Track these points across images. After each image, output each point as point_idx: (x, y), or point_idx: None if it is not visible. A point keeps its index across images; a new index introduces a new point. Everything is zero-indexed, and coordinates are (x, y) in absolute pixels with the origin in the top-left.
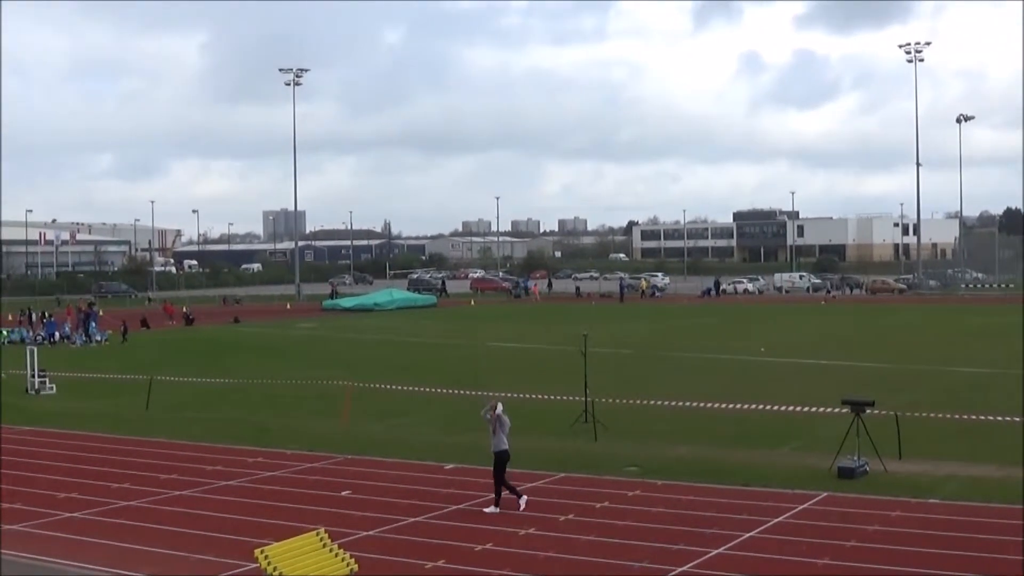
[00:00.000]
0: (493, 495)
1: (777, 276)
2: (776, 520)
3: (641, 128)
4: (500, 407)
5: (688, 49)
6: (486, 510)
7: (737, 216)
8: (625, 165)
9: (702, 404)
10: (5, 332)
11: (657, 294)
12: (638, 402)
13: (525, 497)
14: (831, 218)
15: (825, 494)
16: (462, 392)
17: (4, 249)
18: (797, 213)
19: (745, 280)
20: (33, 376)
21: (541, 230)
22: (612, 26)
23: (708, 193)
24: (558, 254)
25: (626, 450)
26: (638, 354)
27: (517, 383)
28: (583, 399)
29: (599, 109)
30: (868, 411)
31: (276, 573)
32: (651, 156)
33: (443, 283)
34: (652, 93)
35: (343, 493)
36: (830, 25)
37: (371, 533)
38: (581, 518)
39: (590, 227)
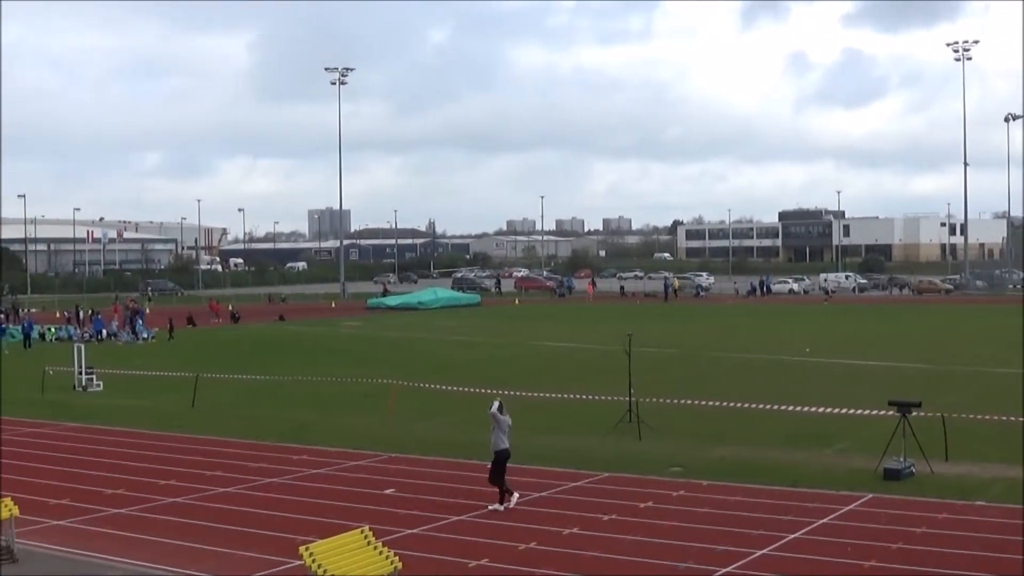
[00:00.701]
0: (497, 492)
1: (823, 276)
2: (821, 521)
3: (687, 127)
4: (495, 405)
5: (735, 48)
6: (491, 507)
7: (783, 216)
8: (671, 164)
9: (747, 404)
10: (53, 329)
11: (701, 294)
12: (682, 402)
13: (506, 505)
14: (877, 218)
15: (871, 495)
16: (506, 392)
17: (52, 247)
18: (843, 213)
19: (790, 280)
20: (81, 373)
21: (585, 229)
22: (659, 25)
23: (753, 193)
24: (602, 253)
25: (670, 450)
26: (682, 354)
27: (561, 382)
28: (627, 399)
29: (645, 108)
30: (914, 412)
31: (321, 570)
32: (697, 155)
33: (498, 282)
34: (698, 92)
35: (387, 491)
36: (878, 24)
37: (415, 531)
38: (625, 518)
39: (635, 226)
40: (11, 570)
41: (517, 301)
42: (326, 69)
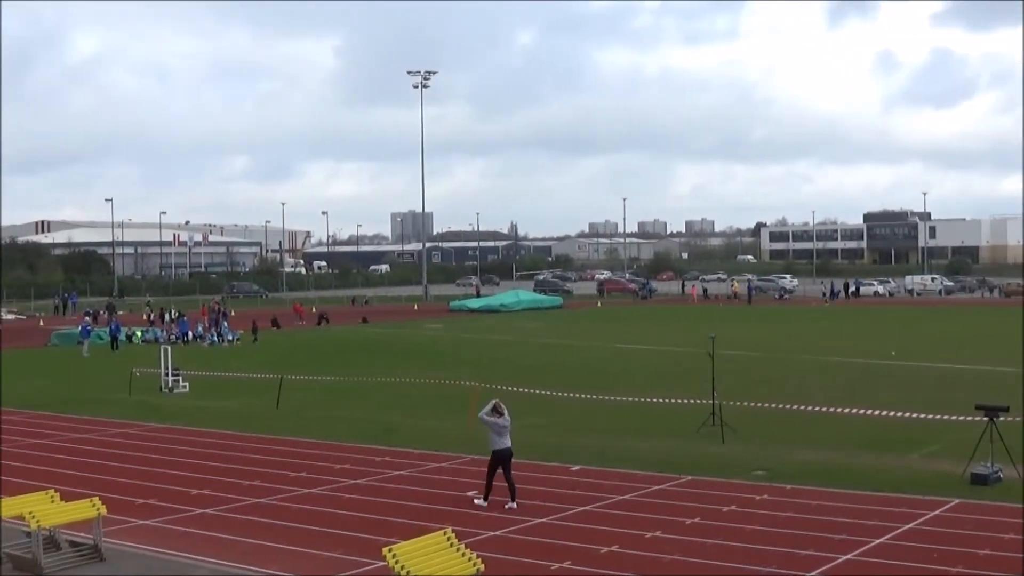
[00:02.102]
0: (508, 489)
1: (908, 278)
2: (907, 526)
3: (772, 128)
4: (486, 409)
5: (822, 48)
6: (476, 501)
7: (868, 217)
8: (755, 166)
9: (832, 408)
10: (139, 331)
11: (785, 296)
12: (766, 405)
13: (515, 504)
14: (964, 219)
15: (957, 501)
16: (588, 395)
17: (139, 250)
18: (929, 214)
19: (875, 282)
20: (167, 375)
21: (668, 231)
22: (745, 25)
23: (839, 194)
24: (685, 255)
25: (754, 453)
26: (766, 357)
27: (643, 385)
28: (710, 402)
29: (730, 109)
30: (1002, 417)
31: (403, 571)
32: (782, 156)
33: (601, 286)
34: (784, 92)
35: (469, 493)
36: (968, 23)
37: (497, 533)
38: (708, 522)
39: (717, 228)
40: (99, 569)
41: (599, 303)
42: (408, 72)
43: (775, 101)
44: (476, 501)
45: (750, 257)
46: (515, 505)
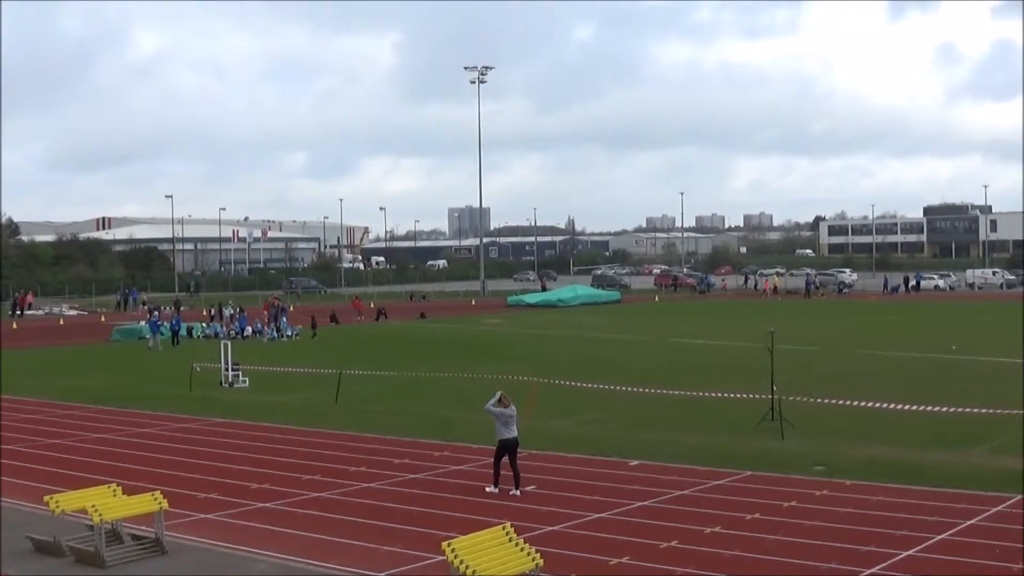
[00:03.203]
0: (513, 477)
1: (969, 272)
2: (969, 523)
3: (832, 122)
4: (492, 400)
5: (883, 41)
6: (488, 489)
7: (928, 211)
8: (815, 159)
9: (891, 403)
10: (202, 327)
11: (844, 291)
12: (825, 401)
13: (519, 491)
14: None
15: (1020, 497)
16: (646, 390)
17: (199, 247)
18: (990, 208)
19: (936, 276)
20: (227, 370)
21: (726, 225)
22: (805, 19)
23: (899, 187)
24: (743, 250)
25: (813, 449)
26: (825, 352)
27: (702, 380)
28: (769, 397)
29: (790, 103)
30: None
31: (463, 566)
32: (842, 150)
33: (703, 280)
34: (844, 86)
35: (528, 488)
36: None
37: (556, 528)
38: (767, 517)
39: (776, 222)
40: (160, 562)
41: (657, 298)
42: (465, 68)
43: (835, 95)
44: (487, 489)
45: (809, 251)
46: (519, 492)
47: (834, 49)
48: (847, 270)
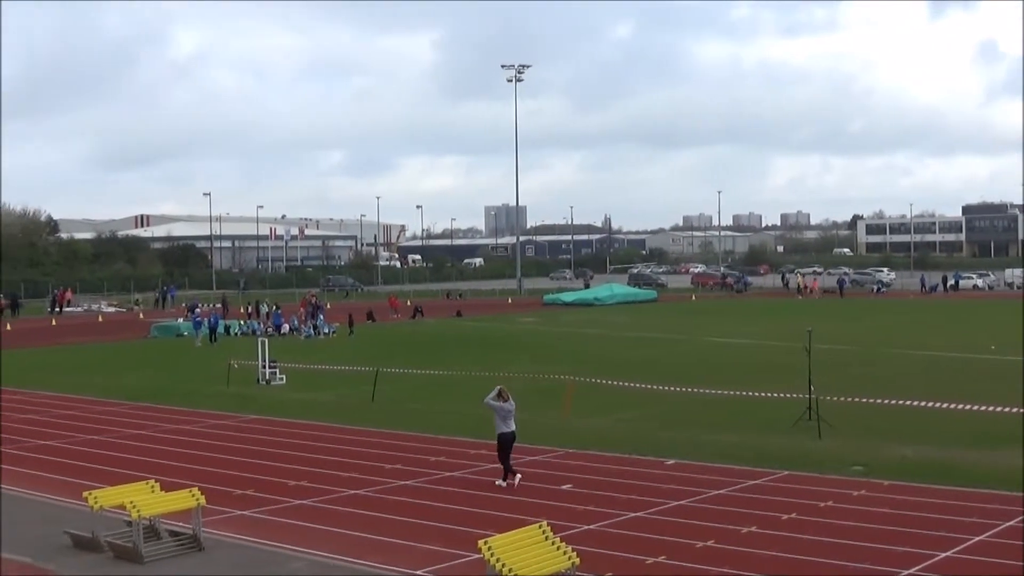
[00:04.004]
0: (507, 472)
1: (1008, 271)
2: (1007, 524)
3: (871, 120)
4: (491, 394)
5: (923, 39)
6: (497, 483)
7: (966, 210)
8: (853, 158)
9: (929, 403)
10: (240, 324)
11: (882, 290)
12: (863, 400)
13: (508, 483)
14: None
15: None
16: (682, 389)
17: (236, 244)
18: None
19: (975, 276)
20: (264, 367)
21: (763, 224)
22: (844, 16)
23: (938, 186)
24: (780, 249)
25: (851, 449)
26: (862, 351)
27: (738, 379)
28: (806, 396)
29: (829, 101)
30: None
31: (499, 564)
32: (880, 148)
33: (740, 279)
34: (884, 84)
35: (564, 487)
36: None
37: (592, 527)
38: (804, 517)
39: (813, 221)
40: (198, 558)
41: (694, 297)
42: (503, 66)
43: (875, 92)
44: (497, 483)
45: (846, 250)
46: (503, 484)
47: (873, 47)
48: (885, 269)
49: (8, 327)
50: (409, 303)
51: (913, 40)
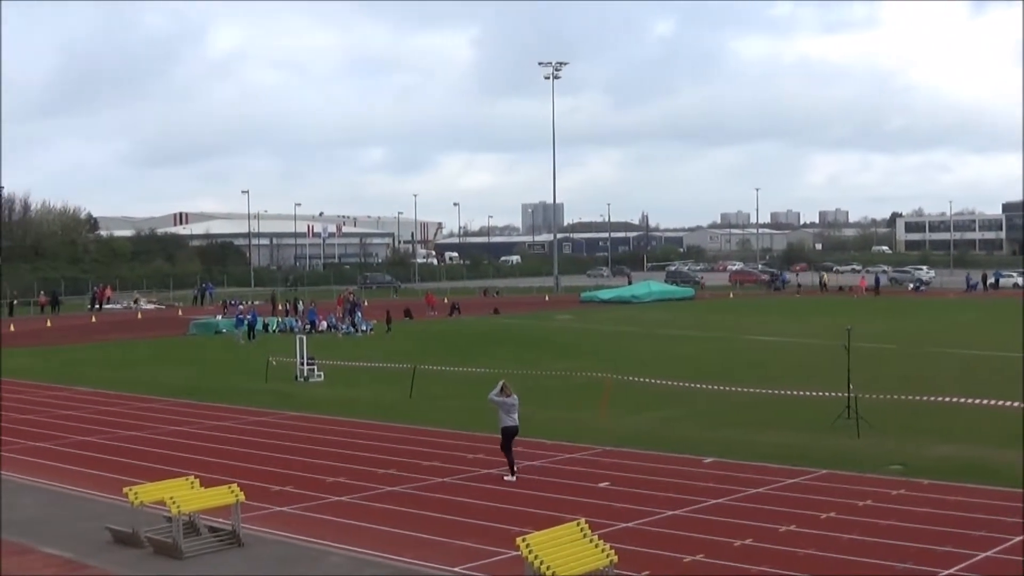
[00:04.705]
0: (513, 465)
1: None
2: None
3: (911, 117)
4: (495, 390)
5: (964, 35)
6: (506, 478)
7: (1007, 207)
8: (893, 155)
9: (969, 401)
10: (278, 320)
11: (921, 288)
12: (902, 398)
13: (514, 477)
14: None
15: None
16: (720, 387)
17: (274, 241)
18: None
19: (1015, 274)
20: (302, 364)
21: (801, 222)
22: (884, 13)
23: (978, 184)
24: (819, 246)
25: (890, 448)
26: (901, 349)
27: (776, 377)
28: (845, 395)
29: (868, 98)
30: None
31: (537, 561)
32: (920, 146)
33: (776, 276)
34: (924, 81)
35: (602, 485)
36: None
37: (630, 525)
38: (843, 516)
39: (852, 219)
40: (237, 554)
41: (731, 295)
42: (540, 63)
43: (915, 89)
44: (506, 478)
45: (885, 248)
46: (512, 479)
47: (913, 44)
48: (924, 267)
49: (48, 323)
50: (446, 300)
51: (953, 37)
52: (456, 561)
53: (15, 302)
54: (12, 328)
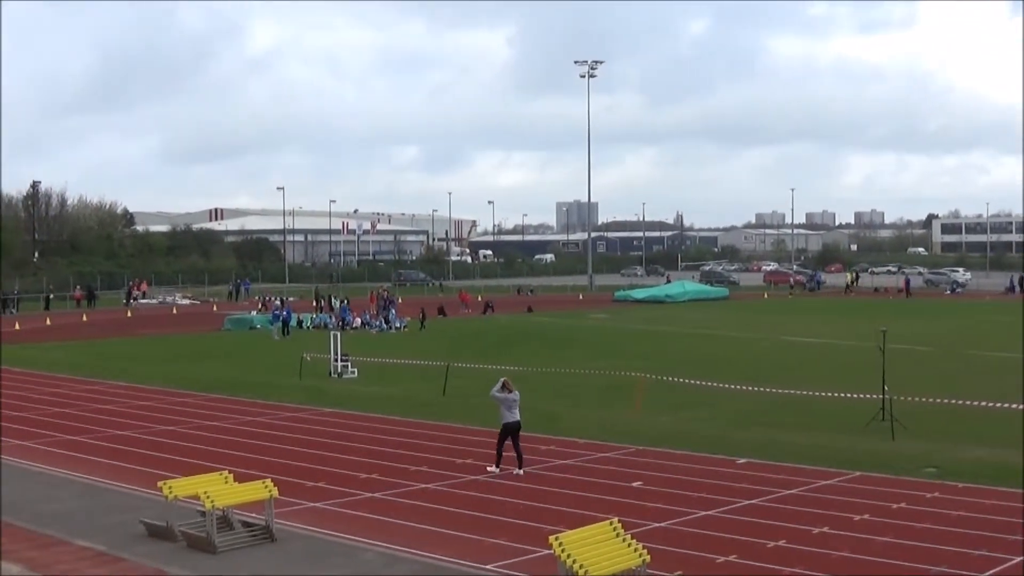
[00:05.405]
0: (516, 458)
1: None
2: None
3: (949, 118)
4: (496, 386)
5: (1004, 35)
6: (489, 468)
7: None
8: (930, 156)
9: (1005, 404)
10: (312, 317)
11: (957, 290)
12: (937, 401)
13: (521, 471)
14: None
15: None
16: (753, 387)
17: (309, 238)
18: None
19: None
20: (336, 360)
21: (836, 223)
22: (923, 12)
23: (1016, 185)
24: (854, 247)
25: (924, 450)
26: (937, 351)
27: (810, 378)
28: (879, 396)
29: (906, 98)
30: None
31: (570, 560)
32: (958, 147)
33: (811, 277)
34: (963, 82)
35: (635, 484)
36: None
37: (662, 525)
38: (877, 519)
39: (887, 220)
40: (270, 549)
41: (766, 295)
42: (575, 62)
43: (954, 90)
44: (489, 469)
45: (921, 249)
46: (522, 472)
47: (952, 44)
48: (960, 269)
49: (85, 318)
50: (480, 298)
51: (992, 38)
52: (489, 559)
53: (51, 296)
54: (48, 322)
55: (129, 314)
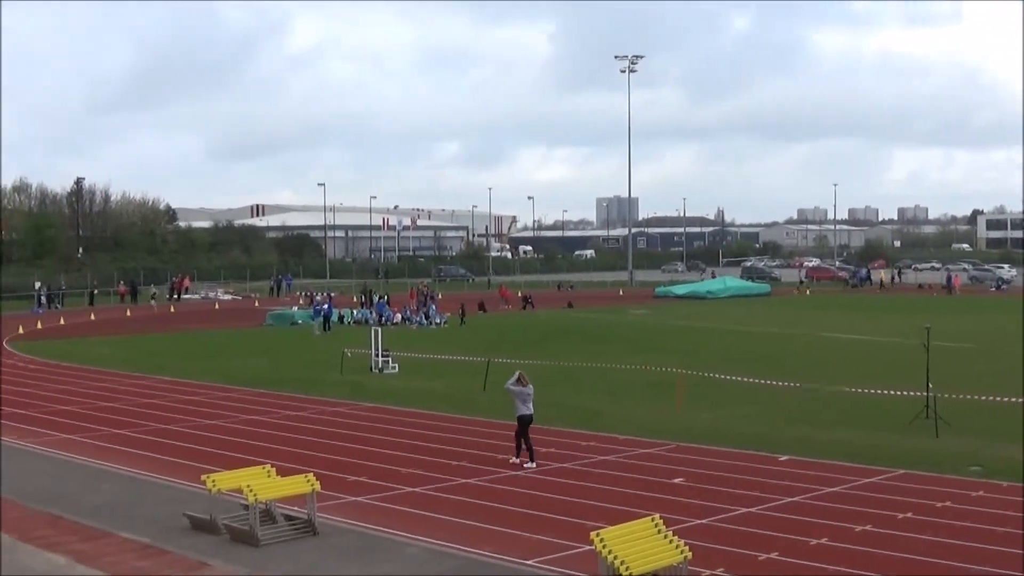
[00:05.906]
0: (526, 450)
1: None
2: None
3: (997, 113)
4: (512, 379)
5: None
6: (511, 460)
7: None
8: (977, 151)
9: None
10: (352, 312)
11: (1003, 287)
12: (982, 399)
13: (534, 464)
14: None
15: None
16: (795, 384)
17: (349, 234)
18: None
19: None
20: (377, 356)
21: (879, 218)
22: (969, 6)
23: None
24: (897, 243)
25: (969, 448)
26: (981, 348)
27: (853, 375)
28: (923, 394)
29: (952, 93)
30: None
31: (611, 556)
32: (1006, 142)
33: (855, 273)
34: (1011, 75)
35: (676, 480)
36: None
37: (704, 521)
38: (920, 517)
39: (931, 216)
40: (312, 543)
41: (808, 292)
42: (616, 57)
43: (1001, 85)
44: (511, 460)
45: (965, 245)
46: (534, 465)
47: (999, 39)
48: (1006, 266)
49: (128, 313)
50: (520, 294)
51: None
52: (530, 554)
53: (95, 291)
54: (93, 317)
55: (172, 309)
